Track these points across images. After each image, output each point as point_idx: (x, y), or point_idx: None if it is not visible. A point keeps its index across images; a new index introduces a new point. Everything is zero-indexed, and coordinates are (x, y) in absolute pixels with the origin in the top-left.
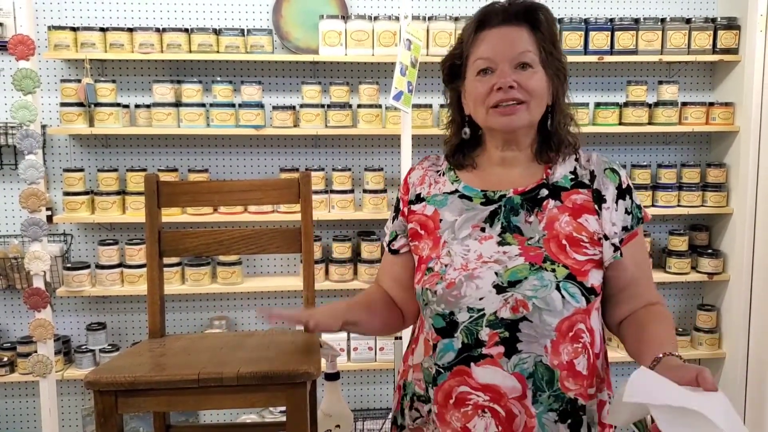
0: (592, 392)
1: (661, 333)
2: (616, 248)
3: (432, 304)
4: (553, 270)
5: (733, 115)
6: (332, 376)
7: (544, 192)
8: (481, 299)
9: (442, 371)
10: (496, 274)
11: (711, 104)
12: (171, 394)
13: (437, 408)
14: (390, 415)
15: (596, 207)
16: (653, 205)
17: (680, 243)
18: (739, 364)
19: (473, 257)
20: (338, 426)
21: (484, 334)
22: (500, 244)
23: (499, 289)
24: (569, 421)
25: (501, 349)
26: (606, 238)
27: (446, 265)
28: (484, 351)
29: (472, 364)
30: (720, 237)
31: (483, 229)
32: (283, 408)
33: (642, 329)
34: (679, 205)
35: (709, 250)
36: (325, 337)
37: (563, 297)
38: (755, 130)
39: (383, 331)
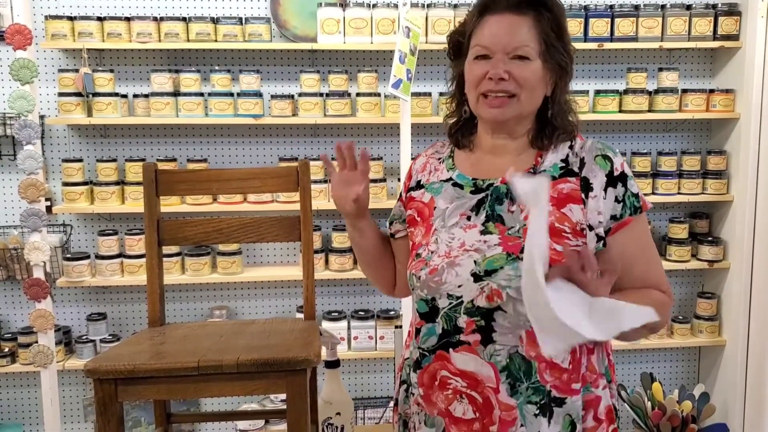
0: (577, 387)
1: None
2: (600, 239)
3: (416, 289)
4: None
5: (734, 102)
6: (332, 364)
7: None
8: (459, 287)
9: (427, 354)
10: (475, 262)
11: (711, 91)
12: (171, 381)
13: (423, 390)
14: (391, 404)
15: (583, 196)
16: (653, 193)
17: (680, 231)
18: (739, 351)
19: (456, 245)
20: (339, 414)
21: (462, 321)
22: (482, 233)
23: (476, 277)
24: (550, 415)
25: (477, 336)
26: (590, 228)
27: (432, 252)
28: (462, 338)
29: (450, 349)
30: (720, 224)
31: (469, 218)
32: (284, 396)
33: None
34: (679, 193)
35: (710, 238)
36: (325, 325)
37: None
38: (756, 116)
39: (373, 267)
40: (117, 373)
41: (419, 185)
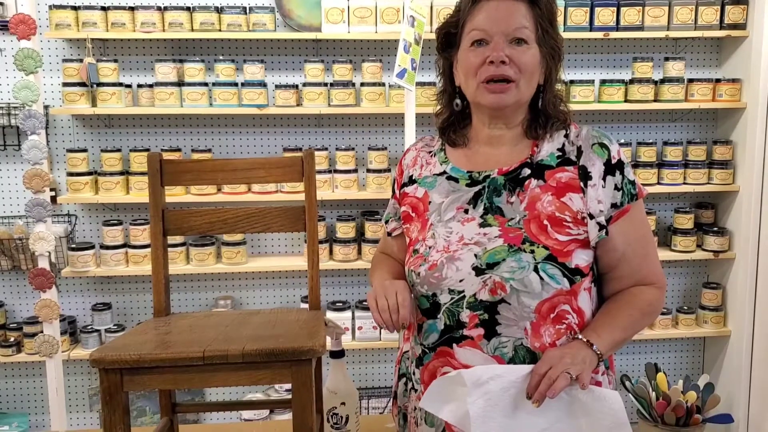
0: None
1: (600, 317)
2: (602, 227)
3: (416, 285)
4: (532, 251)
5: (740, 91)
6: (337, 354)
7: (527, 171)
8: (461, 281)
9: (428, 351)
10: (475, 256)
11: (718, 81)
12: (176, 371)
13: (424, 387)
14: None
15: (582, 185)
16: (659, 183)
17: (686, 221)
18: (744, 342)
19: (455, 239)
20: (343, 403)
21: (465, 315)
22: (481, 225)
23: (478, 271)
24: None
25: (481, 331)
26: (591, 216)
27: (430, 247)
28: (465, 332)
29: (454, 345)
30: (726, 215)
31: (466, 211)
32: (288, 386)
33: (599, 312)
34: (684, 183)
35: (715, 228)
36: (330, 315)
37: (542, 279)
38: (762, 106)
39: None
40: (123, 362)
41: (411, 180)
